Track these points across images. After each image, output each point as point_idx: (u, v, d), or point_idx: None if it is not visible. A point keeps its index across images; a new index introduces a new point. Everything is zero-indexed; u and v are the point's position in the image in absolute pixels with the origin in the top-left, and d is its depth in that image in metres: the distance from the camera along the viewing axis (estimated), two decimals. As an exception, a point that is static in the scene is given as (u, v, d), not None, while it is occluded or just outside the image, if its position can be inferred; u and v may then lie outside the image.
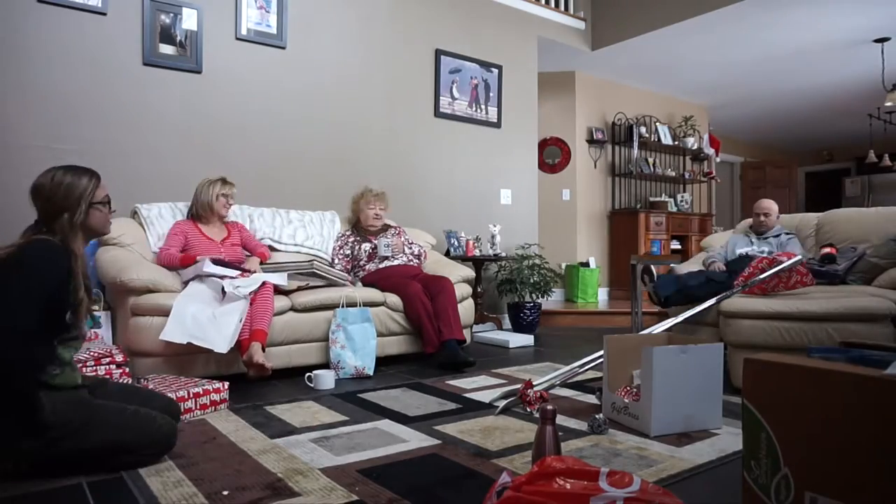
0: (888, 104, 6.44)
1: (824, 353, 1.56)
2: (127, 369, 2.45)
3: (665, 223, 6.71)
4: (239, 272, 2.98)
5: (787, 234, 3.70)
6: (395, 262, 3.62)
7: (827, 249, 3.45)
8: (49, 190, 1.71)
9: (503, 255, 4.87)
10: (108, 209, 1.82)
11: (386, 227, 3.82)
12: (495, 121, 5.15)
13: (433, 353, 3.26)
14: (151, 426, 1.72)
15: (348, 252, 3.67)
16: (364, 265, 3.63)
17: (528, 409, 2.29)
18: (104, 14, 3.37)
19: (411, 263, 3.68)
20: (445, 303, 3.33)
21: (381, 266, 3.59)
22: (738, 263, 3.38)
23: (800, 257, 3.40)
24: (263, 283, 2.86)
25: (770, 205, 3.73)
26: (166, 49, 3.56)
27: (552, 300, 5.68)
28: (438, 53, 4.79)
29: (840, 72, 6.48)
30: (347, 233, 3.77)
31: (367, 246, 3.66)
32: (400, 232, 3.84)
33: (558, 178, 6.47)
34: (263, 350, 2.70)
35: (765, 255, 3.61)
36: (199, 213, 3.21)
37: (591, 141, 6.59)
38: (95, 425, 1.63)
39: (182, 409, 2.15)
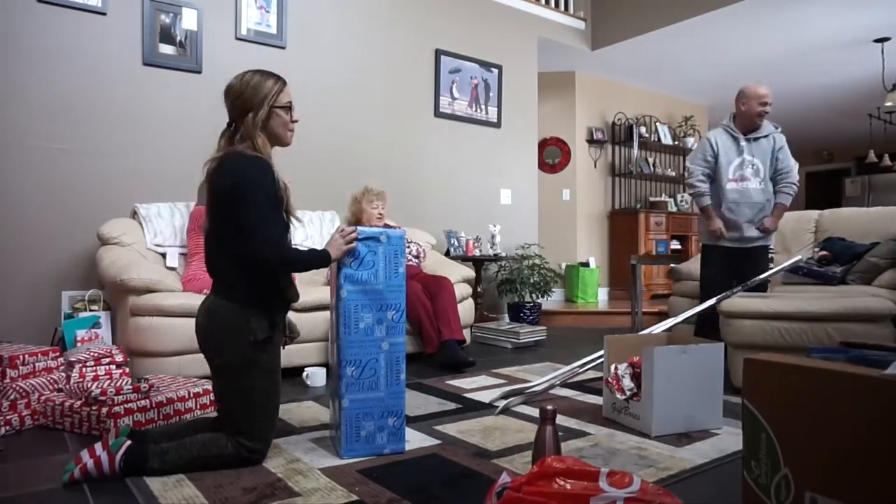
0: (888, 104, 6.44)
1: (824, 353, 1.56)
2: (127, 369, 2.46)
3: (665, 223, 6.71)
4: None
5: (780, 137, 3.29)
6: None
7: (823, 252, 3.46)
8: (237, 89, 1.81)
9: (503, 255, 4.87)
10: (289, 116, 1.85)
11: (386, 227, 3.81)
12: (495, 121, 5.15)
13: (433, 354, 3.25)
14: (274, 425, 1.79)
15: None
16: None
17: None
18: (104, 14, 3.37)
19: (410, 263, 3.68)
20: (445, 303, 3.32)
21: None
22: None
23: (800, 257, 3.41)
24: None
25: (770, 92, 3.20)
26: (166, 49, 3.56)
27: (552, 300, 5.68)
28: (438, 53, 4.79)
29: (840, 72, 6.48)
30: None
31: None
32: (398, 229, 3.83)
33: (558, 178, 6.47)
34: None
35: (757, 164, 3.18)
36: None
37: (591, 141, 6.59)
38: (269, 389, 1.75)
39: (183, 409, 2.17)
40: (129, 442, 1.64)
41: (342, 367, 1.81)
